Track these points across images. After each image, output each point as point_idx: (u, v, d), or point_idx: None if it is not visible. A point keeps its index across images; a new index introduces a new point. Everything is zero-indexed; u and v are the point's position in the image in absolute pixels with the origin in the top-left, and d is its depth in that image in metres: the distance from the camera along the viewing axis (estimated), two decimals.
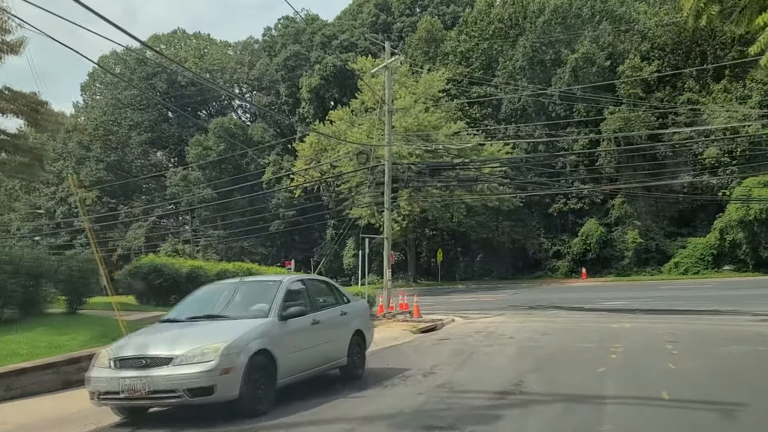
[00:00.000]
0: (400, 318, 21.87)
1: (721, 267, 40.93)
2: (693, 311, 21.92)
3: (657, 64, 46.05)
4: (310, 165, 46.53)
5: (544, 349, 12.58)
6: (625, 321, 18.85)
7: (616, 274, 43.72)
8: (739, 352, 11.35)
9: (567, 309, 25.26)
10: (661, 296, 28.81)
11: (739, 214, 38.08)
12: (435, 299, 34.77)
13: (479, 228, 47.68)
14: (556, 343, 13.46)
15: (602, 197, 45.26)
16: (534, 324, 18.94)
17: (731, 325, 17.11)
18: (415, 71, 48.22)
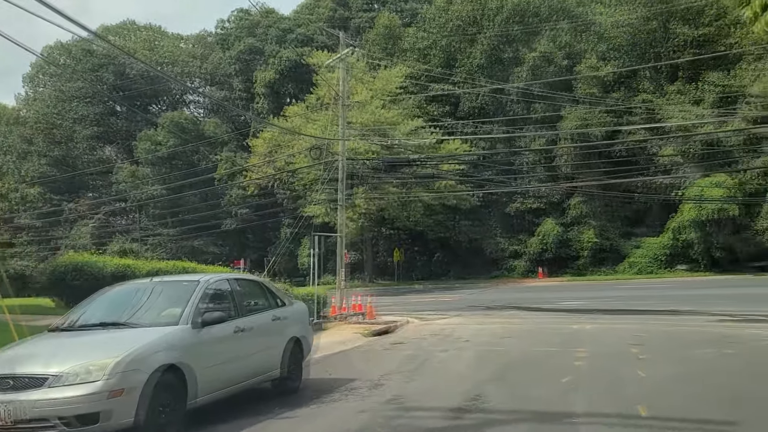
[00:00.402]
0: (353, 320, 20.82)
1: (675, 267, 41.17)
2: (651, 311, 21.57)
3: (613, 65, 46.15)
4: (265, 162, 45.13)
5: (503, 354, 11.69)
6: (584, 322, 18.24)
7: (573, 273, 43.58)
8: (708, 357, 10.69)
9: (525, 309, 24.70)
10: (618, 296, 28.55)
11: (692, 215, 38.30)
12: (392, 299, 33.89)
13: (437, 227, 46.98)
14: (516, 347, 12.61)
15: (559, 197, 45.10)
16: (492, 326, 18.15)
17: (692, 325, 16.65)
18: (373, 67, 47.23)
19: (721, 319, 18.23)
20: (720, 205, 36.75)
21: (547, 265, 44.54)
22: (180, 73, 63.71)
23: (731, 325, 16.38)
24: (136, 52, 63.15)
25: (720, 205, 36.74)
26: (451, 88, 48.34)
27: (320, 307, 21.97)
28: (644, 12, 47.12)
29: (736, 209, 37.02)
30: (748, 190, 38.84)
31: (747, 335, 13.79)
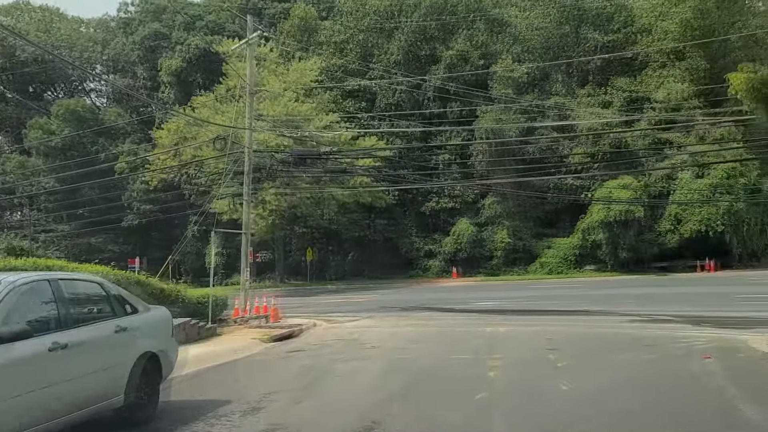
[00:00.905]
0: (254, 323, 19.20)
1: (583, 267, 41.93)
2: (564, 312, 21.32)
3: (528, 66, 46.60)
4: (169, 154, 42.35)
5: (412, 363, 10.54)
6: (498, 323, 17.55)
7: (486, 273, 43.55)
8: (629, 363, 10.01)
9: (439, 310, 23.97)
10: (531, 296, 28.40)
11: (600, 216, 39.04)
12: (302, 300, 32.48)
13: (351, 226, 45.77)
14: (427, 354, 11.51)
15: (474, 196, 45.01)
16: (405, 329, 17.11)
17: (605, 327, 16.26)
18: (288, 60, 45.45)
19: (632, 319, 18.07)
20: (626, 206, 37.63)
21: (461, 264, 44.29)
22: (78, 58, 59.16)
23: (642, 326, 16.10)
24: (29, 33, 58.18)
25: (626, 207, 37.61)
26: (368, 84, 47.33)
27: (219, 309, 20.22)
28: (557, 16, 47.96)
29: (642, 211, 38.05)
30: (652, 192, 40.07)
31: (661, 337, 13.39)
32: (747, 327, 15.24)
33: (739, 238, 38.02)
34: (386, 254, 47.14)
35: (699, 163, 38.43)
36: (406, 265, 46.83)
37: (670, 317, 18.38)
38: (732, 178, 37.52)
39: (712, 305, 21.51)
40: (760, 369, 9.20)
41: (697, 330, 14.74)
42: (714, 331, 14.30)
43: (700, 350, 11.13)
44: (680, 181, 39.37)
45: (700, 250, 39.09)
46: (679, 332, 14.42)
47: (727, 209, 37.00)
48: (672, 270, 39.44)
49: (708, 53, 42.42)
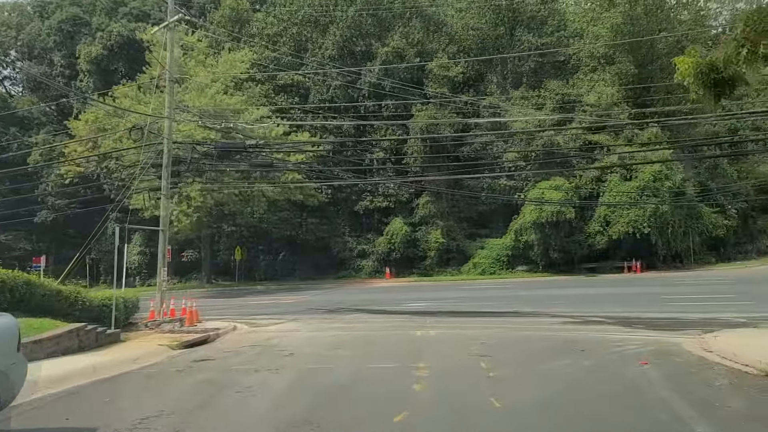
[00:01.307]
0: (168, 328, 17.71)
1: (515, 268, 42.02)
2: (496, 313, 20.84)
3: (463, 66, 46.46)
4: (87, 146, 39.69)
5: (329, 374, 9.52)
6: (429, 326, 16.80)
7: (420, 274, 43.05)
8: (565, 372, 9.33)
9: (369, 312, 23.11)
10: (463, 297, 27.94)
11: (532, 216, 39.16)
12: (228, 302, 30.99)
13: (282, 225, 44.31)
14: (347, 363, 10.52)
15: (408, 196, 44.45)
16: (330, 332, 16.08)
17: (537, 329, 15.76)
18: (217, 51, 43.57)
19: (564, 321, 17.71)
20: (558, 207, 37.86)
21: (394, 265, 43.62)
22: None
23: (575, 328, 15.68)
24: None
25: (558, 208, 37.84)
26: (301, 79, 46.00)
27: (130, 312, 18.62)
28: (492, 17, 48.06)
29: (572, 212, 38.39)
30: (582, 194, 40.55)
31: (595, 341, 12.89)
32: (677, 329, 15.04)
33: (663, 240, 38.93)
34: (318, 254, 45.96)
35: (627, 165, 39.15)
36: (338, 265, 45.77)
37: (602, 318, 18.14)
38: (658, 181, 38.40)
39: (641, 306, 21.52)
40: (701, 378, 8.69)
41: (629, 332, 14.39)
42: (646, 334, 13.97)
43: (636, 355, 10.64)
44: (609, 184, 40.03)
45: (627, 251, 39.84)
46: (613, 335, 14.03)
47: (653, 211, 37.83)
48: (600, 271, 40.01)
49: (636, 59, 43.41)
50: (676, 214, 39.32)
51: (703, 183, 43.14)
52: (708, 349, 11.12)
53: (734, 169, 46.21)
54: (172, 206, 35.66)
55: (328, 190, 43.87)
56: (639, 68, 43.27)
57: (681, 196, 40.09)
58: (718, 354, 10.48)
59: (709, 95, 7.15)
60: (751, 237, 46.28)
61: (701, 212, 42.04)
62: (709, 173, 43.96)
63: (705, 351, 11.00)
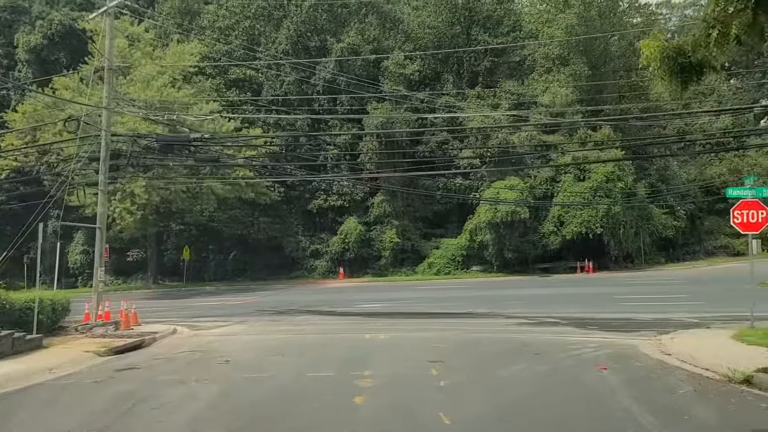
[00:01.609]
0: (100, 331, 16.53)
1: (470, 267, 41.78)
2: (450, 314, 20.36)
3: (419, 64, 46.00)
4: (24, 139, 37.70)
5: (262, 386, 8.67)
6: (380, 329, 16.13)
7: (374, 274, 42.35)
8: (520, 379, 8.75)
9: (319, 314, 22.36)
10: (417, 297, 27.41)
11: (487, 216, 38.94)
12: (173, 303, 29.69)
13: (233, 223, 42.94)
14: (285, 371, 9.69)
15: (363, 195, 43.66)
16: (274, 336, 15.23)
17: (491, 330, 15.27)
18: (165, 43, 42.00)
19: (519, 322, 17.31)
20: (513, 207, 37.72)
21: (348, 265, 42.82)
22: None
23: (530, 330, 15.25)
24: None
25: (512, 208, 37.70)
26: (253, 74, 44.75)
27: (61, 315, 17.31)
28: (449, 16, 47.77)
29: (527, 212, 38.32)
30: (537, 194, 40.59)
31: (551, 343, 12.43)
32: (631, 330, 14.76)
33: (615, 241, 39.28)
34: (270, 254, 44.78)
35: (580, 164, 39.34)
36: (291, 265, 44.68)
37: (557, 319, 17.82)
38: (611, 182, 38.70)
39: (595, 306, 21.35)
40: (663, 384, 8.24)
41: (584, 334, 14.00)
42: (602, 336, 13.61)
43: (594, 358, 10.18)
44: (563, 184, 40.16)
45: (580, 251, 40.05)
46: (568, 336, 13.61)
47: (606, 212, 38.08)
48: (554, 271, 40.12)
49: (590, 60, 43.73)
50: (627, 214, 39.74)
51: (654, 184, 43.80)
52: (666, 352, 10.76)
53: (683, 171, 47.12)
54: (115, 203, 34.09)
55: (281, 188, 42.81)
56: (593, 70, 43.62)
57: (632, 197, 40.56)
58: (676, 357, 10.11)
59: (675, 82, 6.69)
60: (698, 238, 47.28)
61: (652, 213, 42.67)
62: (659, 175, 44.67)
63: (663, 354, 10.63)
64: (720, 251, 47.28)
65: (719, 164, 49.80)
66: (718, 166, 49.70)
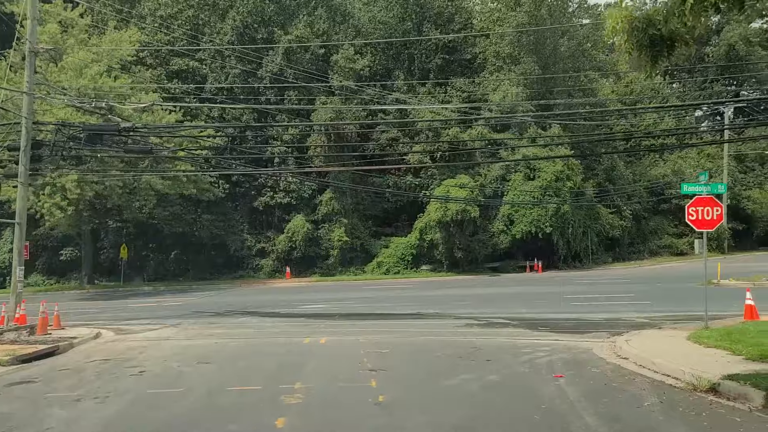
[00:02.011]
0: (11, 336, 15.01)
1: (420, 267, 41.16)
2: (397, 315, 19.55)
3: (369, 60, 45.10)
4: None
5: (170, 405, 7.51)
6: (321, 332, 15.17)
7: (321, 273, 41.22)
8: (469, 391, 7.89)
9: (260, 315, 21.22)
10: (365, 297, 26.54)
11: (437, 215, 38.35)
12: (107, 305, 27.96)
13: (174, 221, 41.03)
14: (206, 384, 8.57)
15: (311, 192, 42.43)
16: (206, 340, 14.05)
17: (439, 333, 14.50)
18: (102, 31, 39.76)
19: (468, 323, 16.64)
20: (463, 206, 37.22)
21: (295, 264, 41.54)
22: None
23: (480, 332, 14.54)
24: None
25: (463, 207, 37.20)
26: (197, 66, 42.92)
27: None
28: (400, 11, 47.06)
29: (477, 211, 37.90)
30: (487, 193, 40.26)
31: (501, 347, 11.69)
32: (583, 331, 14.24)
33: (564, 240, 39.32)
34: (214, 253, 43.10)
35: (530, 165, 39.23)
36: (236, 264, 43.08)
37: (507, 320, 17.23)
38: (560, 181, 38.70)
39: (545, 307, 20.91)
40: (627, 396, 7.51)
41: (536, 336, 13.35)
42: (554, 338, 12.97)
43: (548, 364, 9.46)
44: (513, 183, 39.96)
45: (529, 250, 39.95)
46: (519, 338, 12.94)
47: (555, 211, 38.05)
48: (503, 270, 39.89)
49: (541, 60, 43.73)
50: (576, 214, 39.84)
51: (601, 184, 44.15)
52: (622, 356, 10.14)
53: (630, 171, 47.74)
54: (44, 198, 31.97)
55: (225, 184, 41.17)
56: (543, 70, 43.64)
57: (581, 196, 40.71)
58: (634, 362, 9.49)
59: (645, 57, 5.98)
60: (643, 238, 47.99)
61: (599, 213, 42.97)
62: (607, 175, 45.07)
63: (620, 358, 10.01)
64: (664, 251, 48.17)
65: (663, 165, 50.75)
66: (662, 167, 50.63)
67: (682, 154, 51.61)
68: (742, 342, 9.71)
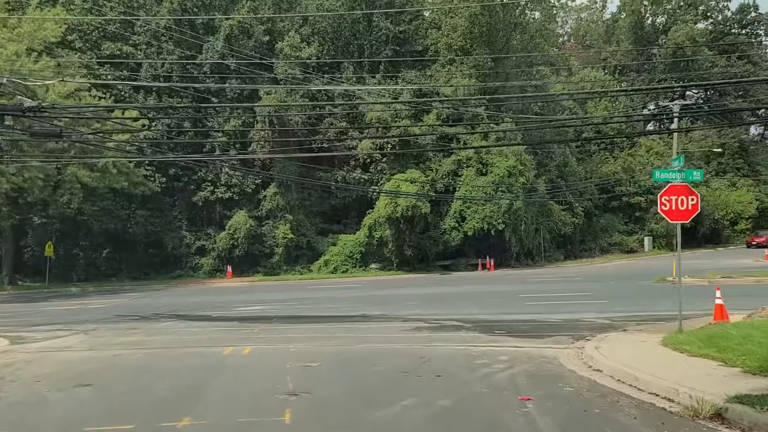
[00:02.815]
0: None
1: (369, 265, 39.51)
2: (340, 318, 17.87)
3: (317, 48, 43.08)
4: None
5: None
6: (251, 338, 13.37)
7: (265, 273, 39.00)
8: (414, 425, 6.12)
9: (191, 319, 19.27)
10: (309, 298, 24.76)
11: (387, 211, 36.71)
12: (24, 308, 25.34)
13: (105, 216, 38.12)
14: (61, 419, 6.56)
15: (254, 187, 40.09)
16: (105, 353, 12.09)
17: (384, 339, 12.87)
18: (24, 11, 36.57)
19: (417, 326, 15.09)
20: (413, 201, 35.69)
21: (237, 263, 39.17)
22: None
23: (429, 337, 12.96)
24: None
25: (413, 202, 35.67)
26: (131, 51, 40.05)
27: None
28: (348, 0, 45.22)
29: (428, 207, 36.45)
30: (438, 188, 38.84)
31: (453, 358, 10.10)
32: (543, 335, 12.83)
33: (516, 237, 38.22)
34: (151, 251, 40.32)
35: (482, 160, 38.06)
36: (173, 263, 40.40)
37: (459, 322, 15.76)
38: (512, 177, 37.55)
39: (499, 307, 19.56)
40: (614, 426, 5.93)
41: (492, 342, 11.81)
42: (513, 344, 11.46)
43: (509, 379, 7.90)
44: (464, 178, 38.61)
45: (481, 248, 38.78)
46: (474, 345, 11.37)
47: (507, 207, 36.86)
48: (454, 268, 38.62)
49: (493, 52, 42.63)
50: (528, 210, 38.88)
51: (554, 180, 43.38)
52: (595, 367, 8.67)
53: (582, 167, 47.25)
54: None
55: (162, 178, 38.57)
56: (495, 62, 42.57)
57: (533, 192, 39.79)
58: (611, 376, 8.01)
59: None
60: (594, 235, 47.59)
61: (551, 210, 42.18)
62: (559, 171, 44.35)
63: (593, 370, 8.52)
64: (614, 248, 47.92)
65: (614, 162, 50.58)
66: (612, 164, 50.46)
67: (632, 152, 51.59)
68: (730, 350, 8.36)
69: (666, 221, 45.59)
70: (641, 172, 49.77)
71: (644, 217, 49.85)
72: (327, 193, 42.15)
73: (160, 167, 38.85)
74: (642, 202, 49.28)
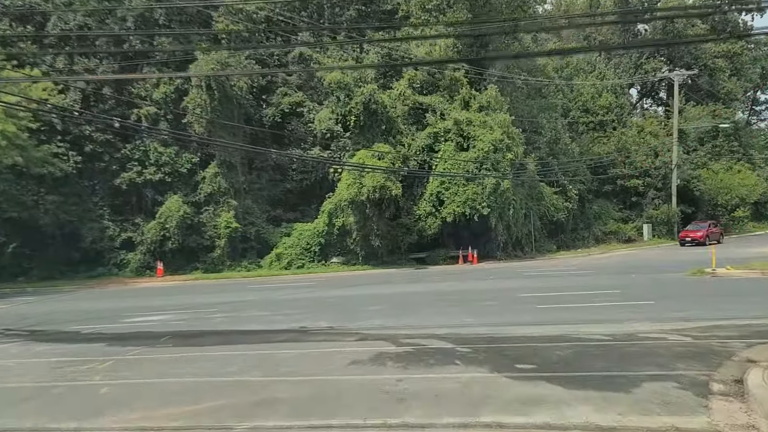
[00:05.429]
0: None
1: (329, 259, 33.16)
2: (264, 333, 11.91)
3: (266, 9, 36.45)
4: None
5: None
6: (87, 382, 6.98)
7: (205, 269, 32.36)
8: None
9: (46, 336, 13.76)
10: (242, 302, 18.54)
11: (350, 193, 30.39)
12: None
13: (7, 203, 31.11)
14: None
15: (191, 167, 33.35)
16: None
17: (313, 383, 6.58)
18: None
19: (378, 353, 9.05)
20: (381, 182, 29.39)
21: (170, 258, 32.44)
22: None
23: (396, 383, 6.76)
24: None
25: (381, 182, 29.37)
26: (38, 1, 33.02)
27: None
28: None
29: (399, 188, 30.19)
30: (411, 166, 32.60)
31: None
32: (607, 373, 6.75)
33: (504, 224, 32.12)
34: (65, 244, 33.36)
35: (463, 133, 31.91)
36: (94, 260, 33.47)
37: (447, 342, 9.80)
38: (499, 152, 31.37)
39: (499, 312, 13.50)
40: None
41: (529, 403, 5.71)
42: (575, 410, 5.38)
43: None
44: (442, 154, 32.35)
45: (462, 237, 32.75)
46: (494, 419, 5.26)
47: (494, 189, 30.67)
48: (432, 261, 32.50)
49: (473, 12, 36.50)
50: (517, 193, 32.88)
51: (544, 158, 37.49)
52: None
53: (575, 144, 41.51)
54: None
55: (76, 156, 31.74)
56: (475, 24, 36.39)
57: (522, 171, 33.87)
58: None
59: None
60: (587, 223, 41.89)
61: (542, 192, 36.34)
62: (550, 148, 38.45)
63: None
64: (610, 237, 42.31)
65: (607, 142, 45.02)
66: (605, 144, 44.89)
67: (624, 131, 46.10)
68: None
69: (666, 206, 39.47)
70: (636, 153, 44.32)
71: (641, 203, 44.37)
72: (280, 174, 35.71)
73: (74, 144, 31.99)
74: (639, 186, 43.79)
